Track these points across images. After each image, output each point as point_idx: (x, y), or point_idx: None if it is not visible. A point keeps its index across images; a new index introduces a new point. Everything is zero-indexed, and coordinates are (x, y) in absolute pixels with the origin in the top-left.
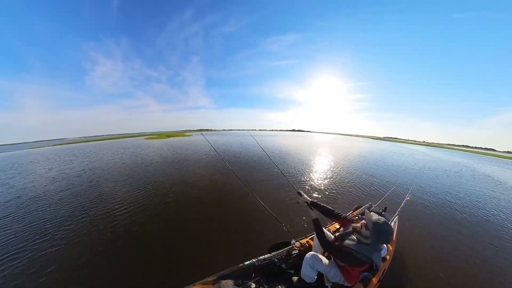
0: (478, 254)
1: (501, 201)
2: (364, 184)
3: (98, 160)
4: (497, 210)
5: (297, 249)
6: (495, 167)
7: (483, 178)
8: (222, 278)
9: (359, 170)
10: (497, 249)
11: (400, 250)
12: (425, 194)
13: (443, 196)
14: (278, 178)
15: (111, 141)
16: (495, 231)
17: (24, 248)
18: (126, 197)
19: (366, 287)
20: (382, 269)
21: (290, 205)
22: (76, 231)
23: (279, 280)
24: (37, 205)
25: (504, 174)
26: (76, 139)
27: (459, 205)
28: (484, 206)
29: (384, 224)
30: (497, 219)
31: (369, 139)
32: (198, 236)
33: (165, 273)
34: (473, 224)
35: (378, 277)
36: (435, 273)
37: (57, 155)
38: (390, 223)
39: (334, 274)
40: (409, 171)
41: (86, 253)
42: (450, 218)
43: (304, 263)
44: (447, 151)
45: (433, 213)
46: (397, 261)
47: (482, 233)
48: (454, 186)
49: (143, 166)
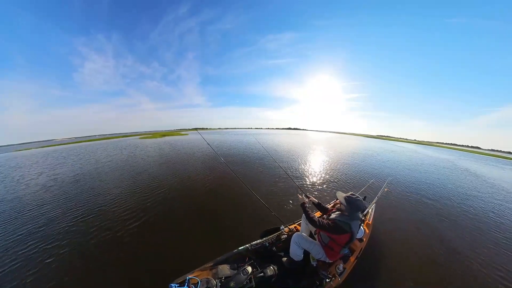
0: (444, 237)
1: (471, 190)
2: (350, 176)
3: (92, 164)
4: (466, 199)
5: (286, 234)
6: (476, 163)
7: (460, 171)
8: (219, 263)
9: (347, 165)
10: (460, 231)
11: (375, 233)
12: (402, 186)
13: (420, 187)
14: (270, 171)
15: (105, 141)
16: (465, 219)
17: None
18: (122, 195)
19: (345, 263)
20: (359, 248)
21: (280, 195)
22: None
23: (271, 262)
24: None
25: (483, 169)
26: (65, 140)
27: (433, 194)
28: (457, 195)
29: (351, 195)
30: (468, 208)
31: (363, 137)
32: (195, 227)
33: (165, 262)
34: (444, 211)
35: (355, 255)
36: (406, 253)
37: (45, 158)
38: (368, 209)
39: (317, 251)
40: (392, 166)
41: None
42: (423, 207)
43: (291, 242)
44: (436, 148)
45: (408, 202)
46: (373, 242)
47: (450, 217)
48: (433, 179)
49: (143, 168)
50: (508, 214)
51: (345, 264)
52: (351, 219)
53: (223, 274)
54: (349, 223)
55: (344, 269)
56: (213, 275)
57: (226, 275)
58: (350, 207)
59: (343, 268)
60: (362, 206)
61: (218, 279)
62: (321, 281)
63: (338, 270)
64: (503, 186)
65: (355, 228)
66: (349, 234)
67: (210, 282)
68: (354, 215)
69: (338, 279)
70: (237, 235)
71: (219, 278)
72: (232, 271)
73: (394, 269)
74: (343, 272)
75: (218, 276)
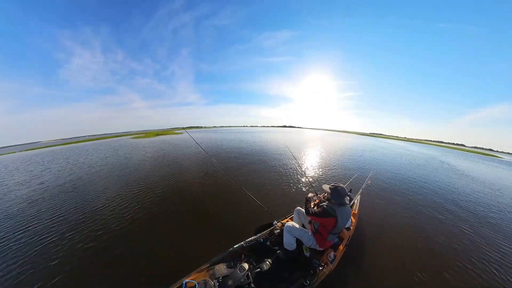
0: (419, 221)
1: (445, 181)
2: (337, 171)
3: (86, 172)
4: (442, 189)
5: (279, 228)
6: (457, 158)
7: (438, 165)
8: (215, 263)
9: (336, 160)
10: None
11: (361, 222)
12: (383, 178)
13: (398, 179)
14: (262, 168)
15: (95, 142)
16: (438, 206)
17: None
18: (115, 197)
19: (336, 251)
20: (348, 236)
21: (272, 190)
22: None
23: (267, 257)
24: None
25: (463, 164)
26: (51, 142)
27: (410, 185)
28: (431, 185)
29: (334, 185)
30: (440, 195)
31: (356, 135)
32: (187, 229)
33: (159, 268)
34: (419, 198)
35: (344, 243)
36: (390, 240)
37: (27, 164)
38: (354, 200)
39: (307, 238)
40: (376, 161)
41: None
42: (401, 196)
43: (284, 232)
44: (424, 145)
45: (387, 192)
46: (360, 230)
47: (427, 206)
48: (411, 172)
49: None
50: (472, 198)
51: (335, 252)
52: (337, 206)
53: (220, 273)
54: (334, 208)
55: (335, 257)
56: (210, 276)
57: (224, 274)
58: (334, 194)
59: (334, 255)
60: (343, 192)
61: (215, 279)
62: (315, 269)
63: (329, 258)
64: (477, 176)
65: (340, 214)
66: (334, 218)
67: (208, 284)
68: (340, 201)
69: (330, 266)
70: (232, 234)
71: (217, 278)
72: (229, 270)
73: (378, 253)
74: (334, 260)
75: (216, 276)
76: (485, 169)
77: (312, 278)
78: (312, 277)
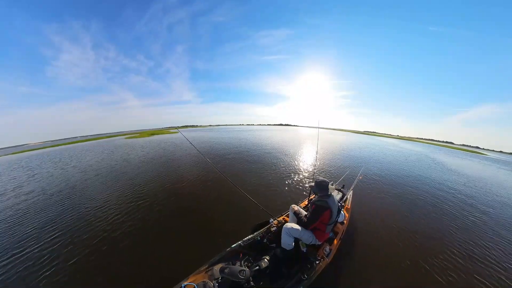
0: (407, 212)
1: (430, 175)
2: (330, 168)
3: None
4: (425, 181)
5: (275, 226)
6: (445, 155)
7: (426, 161)
8: (213, 264)
9: (329, 158)
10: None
11: (354, 216)
12: (373, 174)
13: (387, 174)
14: (256, 167)
15: (87, 144)
16: (424, 197)
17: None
18: (108, 201)
19: (331, 245)
20: (342, 230)
21: (267, 189)
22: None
23: (264, 254)
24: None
25: (448, 160)
26: (40, 144)
27: (398, 179)
28: (417, 178)
29: (317, 180)
30: (426, 188)
31: (351, 133)
32: (184, 230)
33: (156, 272)
34: (406, 191)
35: (339, 237)
36: (381, 231)
37: (11, 170)
38: (346, 195)
39: (307, 236)
40: (368, 157)
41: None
42: (390, 189)
43: (282, 233)
44: (415, 143)
45: (377, 186)
46: (353, 224)
47: (415, 199)
48: (400, 167)
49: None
50: (456, 191)
51: (330, 246)
52: (325, 197)
53: (219, 274)
54: (325, 200)
55: (330, 250)
56: (209, 277)
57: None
58: (318, 188)
59: (329, 249)
60: (326, 183)
61: (214, 280)
62: (312, 264)
63: (325, 252)
64: (463, 171)
65: (331, 203)
66: (328, 209)
67: (207, 285)
68: (326, 193)
69: (326, 259)
70: (229, 234)
71: (216, 279)
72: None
73: (370, 245)
74: (330, 253)
75: (215, 277)
76: (470, 164)
77: (310, 272)
78: (310, 271)
